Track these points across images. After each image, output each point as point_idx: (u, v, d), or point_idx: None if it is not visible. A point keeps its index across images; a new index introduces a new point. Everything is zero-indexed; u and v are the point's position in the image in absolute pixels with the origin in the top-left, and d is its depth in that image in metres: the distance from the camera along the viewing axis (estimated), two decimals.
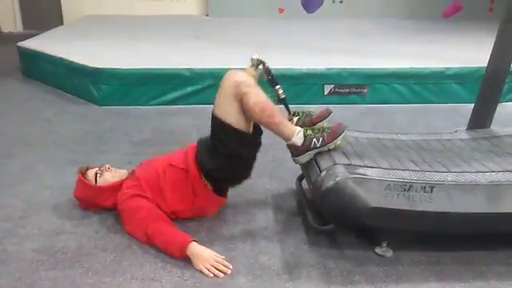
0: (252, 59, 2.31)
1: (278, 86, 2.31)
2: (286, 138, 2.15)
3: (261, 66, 2.31)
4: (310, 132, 2.15)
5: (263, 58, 2.30)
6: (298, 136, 2.14)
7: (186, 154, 2.27)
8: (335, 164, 2.01)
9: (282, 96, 2.31)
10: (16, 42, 5.30)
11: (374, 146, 2.31)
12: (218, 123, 2.11)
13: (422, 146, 2.35)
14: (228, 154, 2.13)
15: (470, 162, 2.16)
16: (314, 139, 2.12)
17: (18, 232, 2.17)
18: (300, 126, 2.32)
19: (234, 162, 2.17)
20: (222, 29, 6.65)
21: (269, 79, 2.32)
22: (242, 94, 2.04)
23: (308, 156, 2.15)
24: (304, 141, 2.13)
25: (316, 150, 2.13)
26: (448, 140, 2.46)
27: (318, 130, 2.16)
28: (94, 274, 1.89)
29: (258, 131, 2.22)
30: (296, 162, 2.21)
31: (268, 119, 2.09)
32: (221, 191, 2.29)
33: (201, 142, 2.27)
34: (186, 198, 2.21)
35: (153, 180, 2.20)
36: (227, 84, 2.08)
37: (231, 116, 2.08)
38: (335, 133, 2.13)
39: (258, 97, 2.06)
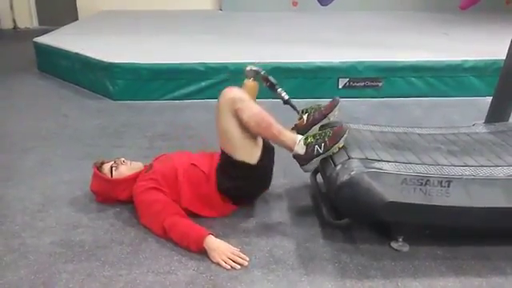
0: (247, 71, 2.33)
1: (279, 90, 2.34)
2: (289, 149, 2.11)
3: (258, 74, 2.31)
4: (310, 140, 2.08)
5: (258, 68, 2.32)
6: (299, 145, 2.09)
7: (211, 159, 2.27)
8: (350, 158, 2.00)
9: (286, 97, 2.33)
10: (32, 38, 5.35)
11: (390, 139, 2.28)
12: (224, 153, 2.13)
13: (439, 140, 2.32)
14: (240, 176, 2.14)
15: (488, 156, 2.13)
16: (316, 146, 2.05)
17: (36, 225, 2.21)
18: (311, 122, 2.31)
19: (249, 180, 2.18)
20: (236, 23, 6.63)
21: (268, 86, 2.35)
22: (236, 110, 2.03)
23: (314, 164, 2.09)
24: (306, 149, 2.07)
25: (320, 157, 2.07)
26: (465, 134, 2.42)
27: (320, 135, 2.10)
28: (110, 266, 1.92)
29: (268, 147, 2.22)
30: (304, 170, 2.14)
31: (266, 132, 2.08)
32: (240, 202, 2.30)
33: (221, 157, 2.25)
34: (203, 198, 2.22)
35: (170, 176, 2.21)
36: (222, 102, 2.07)
37: (233, 135, 2.07)
38: (336, 136, 2.06)
39: (250, 110, 2.04)
